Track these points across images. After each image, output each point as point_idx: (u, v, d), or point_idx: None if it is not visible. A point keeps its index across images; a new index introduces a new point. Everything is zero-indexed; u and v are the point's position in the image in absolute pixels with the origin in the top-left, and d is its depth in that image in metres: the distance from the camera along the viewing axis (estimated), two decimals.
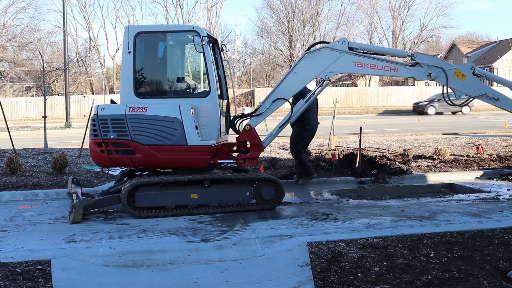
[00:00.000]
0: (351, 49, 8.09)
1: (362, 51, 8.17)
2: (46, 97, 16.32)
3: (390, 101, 44.84)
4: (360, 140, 11.39)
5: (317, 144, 15.05)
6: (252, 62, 64.13)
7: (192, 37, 7.84)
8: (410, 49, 56.72)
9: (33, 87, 51.00)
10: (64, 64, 29.21)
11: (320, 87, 8.52)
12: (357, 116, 33.29)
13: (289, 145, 10.20)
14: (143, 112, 7.59)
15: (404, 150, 12.41)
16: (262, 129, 14.56)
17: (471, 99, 8.23)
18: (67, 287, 5.00)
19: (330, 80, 8.23)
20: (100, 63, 59.96)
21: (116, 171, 10.07)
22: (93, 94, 47.44)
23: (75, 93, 46.13)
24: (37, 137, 20.01)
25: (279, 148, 14.79)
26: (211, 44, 8.13)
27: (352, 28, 55.68)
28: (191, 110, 7.68)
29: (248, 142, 8.26)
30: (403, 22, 55.92)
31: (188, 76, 8.63)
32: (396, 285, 4.73)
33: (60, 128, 27.95)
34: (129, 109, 7.60)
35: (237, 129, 8.48)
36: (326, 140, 14.96)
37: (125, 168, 8.45)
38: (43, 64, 17.91)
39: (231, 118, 8.58)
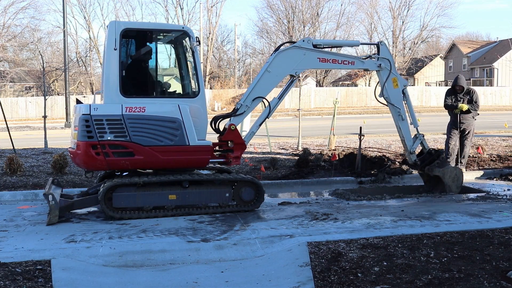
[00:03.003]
0: (315, 46, 8.71)
1: (323, 46, 8.89)
2: (46, 97, 16.32)
3: None
4: (360, 140, 11.40)
5: (317, 144, 15.06)
6: (252, 62, 64.14)
7: (182, 37, 7.83)
8: (410, 49, 56.72)
9: (33, 87, 51.02)
10: (64, 64, 29.22)
11: (291, 83, 8.91)
12: (357, 116, 33.28)
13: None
14: (141, 112, 7.40)
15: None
16: (262, 129, 14.58)
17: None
18: (67, 287, 5.00)
19: (299, 76, 8.86)
20: (100, 63, 59.90)
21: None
22: (93, 94, 47.41)
23: (75, 93, 46.05)
24: (37, 137, 20.01)
25: (279, 148, 14.80)
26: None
27: (352, 28, 55.71)
28: None
29: (230, 142, 8.20)
30: (403, 22, 55.94)
31: (177, 76, 8.52)
32: (396, 285, 4.73)
33: (60, 128, 27.95)
34: (126, 108, 7.35)
35: (217, 128, 8.41)
36: (326, 140, 14.97)
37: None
38: (43, 64, 17.90)
39: (211, 118, 8.49)
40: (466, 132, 10.91)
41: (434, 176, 9.34)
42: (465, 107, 10.67)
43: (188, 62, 8.07)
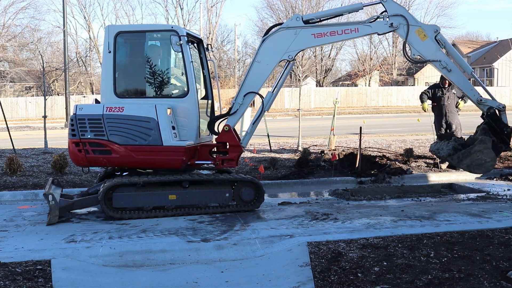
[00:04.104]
0: (307, 22, 7.91)
1: (318, 20, 8.03)
2: (46, 97, 16.31)
3: (390, 101, 44.82)
4: (360, 140, 11.40)
5: (317, 144, 15.06)
6: None
7: (171, 36, 7.71)
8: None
9: (33, 87, 50.98)
10: (64, 64, 29.20)
11: (286, 70, 8.21)
12: (357, 116, 33.26)
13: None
14: (119, 112, 7.55)
15: (404, 150, 12.41)
16: (262, 129, 14.60)
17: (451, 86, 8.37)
18: (67, 287, 5.00)
19: (294, 60, 8.08)
20: (100, 63, 59.97)
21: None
22: (93, 94, 47.41)
23: (75, 93, 46.08)
24: (37, 137, 20.00)
25: (279, 148, 14.79)
26: (194, 44, 8.20)
27: None
28: (168, 110, 7.57)
29: (227, 143, 8.12)
30: None
31: (167, 76, 8.51)
32: (396, 285, 4.73)
33: (60, 128, 27.95)
34: (107, 108, 7.56)
35: (216, 130, 8.32)
36: (326, 140, 14.97)
37: (106, 168, 8.40)
38: (43, 64, 17.90)
39: (209, 120, 8.40)
40: (453, 127, 11.02)
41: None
42: (425, 106, 11.00)
43: (177, 61, 8.10)
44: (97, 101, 8.09)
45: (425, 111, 10.87)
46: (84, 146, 7.60)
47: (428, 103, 11.58)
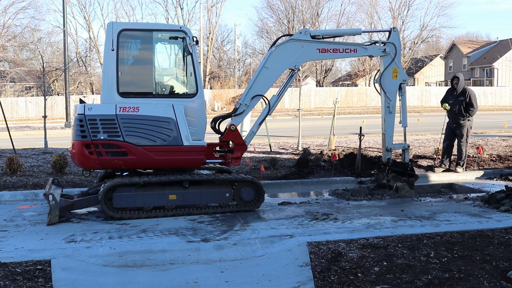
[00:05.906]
0: (313, 37, 8.59)
1: (322, 37, 8.71)
2: (46, 97, 16.31)
3: None
4: (360, 140, 11.40)
5: (317, 144, 15.05)
6: (252, 62, 64.11)
7: (179, 37, 7.81)
8: (410, 49, 56.68)
9: (33, 87, 50.98)
10: (64, 64, 29.20)
11: (291, 78, 8.79)
12: (357, 116, 33.28)
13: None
14: (135, 112, 7.41)
15: None
16: (262, 129, 14.59)
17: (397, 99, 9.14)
18: (67, 287, 5.00)
19: (299, 70, 8.67)
20: (100, 63, 59.79)
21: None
22: (93, 94, 47.43)
23: (75, 93, 46.06)
24: (37, 137, 20.01)
25: (279, 148, 14.79)
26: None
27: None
28: None
29: (231, 142, 8.21)
30: (403, 22, 55.84)
31: (175, 76, 8.48)
32: (396, 285, 4.73)
33: (60, 128, 27.93)
34: (120, 108, 7.38)
35: (217, 128, 8.41)
36: (326, 140, 14.97)
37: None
38: (43, 64, 17.91)
39: (212, 119, 8.48)
40: (459, 134, 10.97)
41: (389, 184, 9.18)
42: (446, 107, 10.92)
43: (186, 62, 8.06)
44: (81, 101, 7.79)
45: (446, 109, 10.95)
46: (97, 148, 7.34)
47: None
